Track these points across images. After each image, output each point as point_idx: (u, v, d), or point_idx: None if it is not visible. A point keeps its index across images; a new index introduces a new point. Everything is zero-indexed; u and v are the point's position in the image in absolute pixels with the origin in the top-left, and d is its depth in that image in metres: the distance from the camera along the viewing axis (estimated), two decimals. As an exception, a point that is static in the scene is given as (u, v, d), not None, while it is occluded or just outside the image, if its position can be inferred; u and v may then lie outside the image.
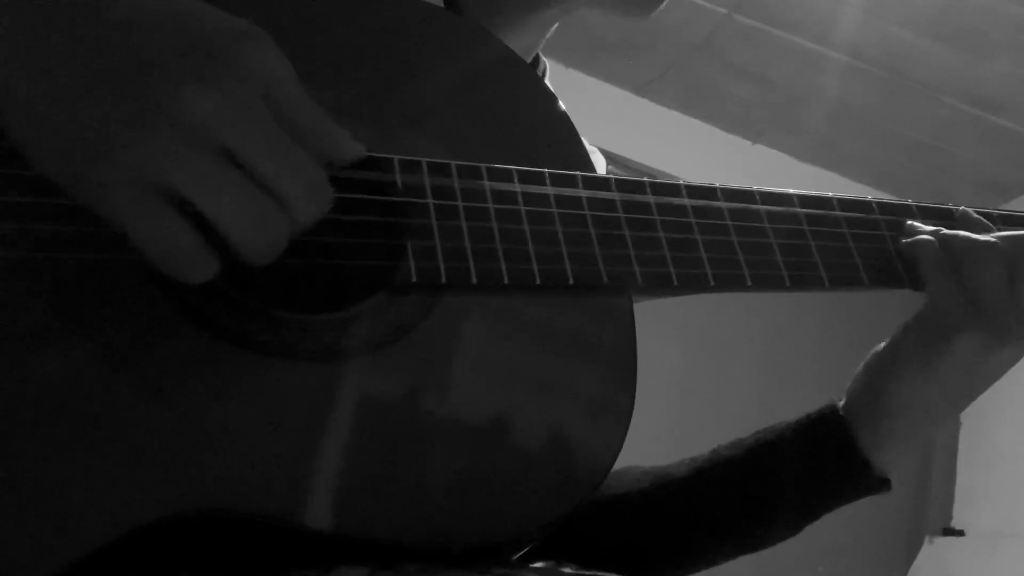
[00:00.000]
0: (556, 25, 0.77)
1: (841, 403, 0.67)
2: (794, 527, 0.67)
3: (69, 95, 0.42)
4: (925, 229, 0.65)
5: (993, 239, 0.62)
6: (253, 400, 0.47)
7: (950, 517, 3.08)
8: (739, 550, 0.68)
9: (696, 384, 3.04)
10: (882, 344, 0.67)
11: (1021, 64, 2.54)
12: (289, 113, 0.44)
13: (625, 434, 0.54)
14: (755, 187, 0.63)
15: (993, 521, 2.91)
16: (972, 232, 0.64)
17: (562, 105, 0.64)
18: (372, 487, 0.48)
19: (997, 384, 0.66)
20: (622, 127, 2.93)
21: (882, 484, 0.66)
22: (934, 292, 0.63)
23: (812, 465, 0.65)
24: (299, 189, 0.44)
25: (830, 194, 0.65)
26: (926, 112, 2.83)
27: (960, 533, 3.02)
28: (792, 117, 3.02)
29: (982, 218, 0.68)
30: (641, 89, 3.07)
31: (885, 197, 0.69)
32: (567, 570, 0.48)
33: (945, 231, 0.64)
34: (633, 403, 0.55)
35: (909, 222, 0.66)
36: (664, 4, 0.71)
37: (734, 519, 0.67)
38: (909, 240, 0.64)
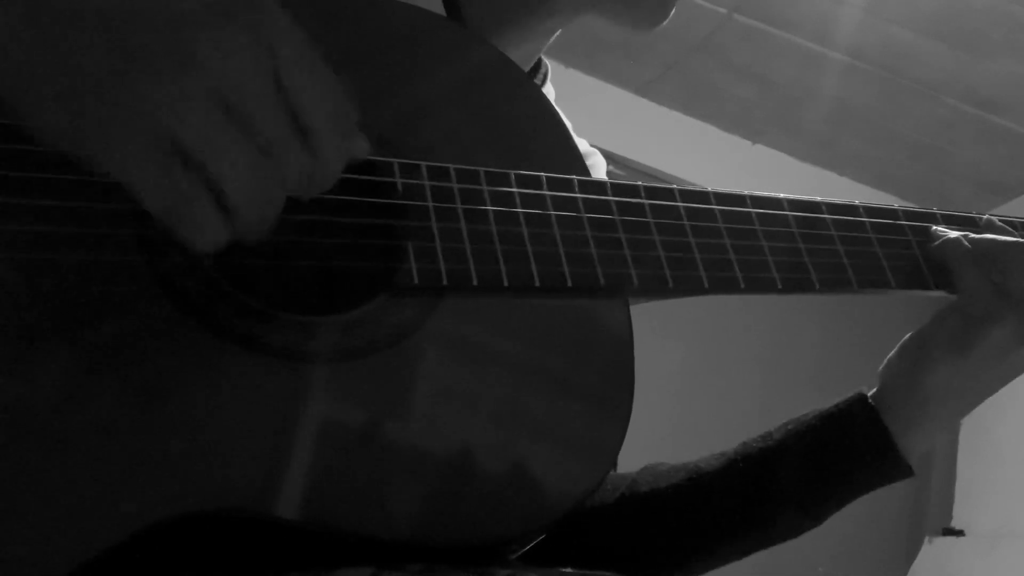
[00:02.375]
0: (559, 32, 0.77)
1: (871, 392, 0.69)
2: (818, 517, 0.68)
3: (75, 42, 0.40)
4: (952, 233, 0.68)
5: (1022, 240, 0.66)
6: (254, 401, 0.47)
7: (950, 517, 3.08)
8: (765, 543, 0.69)
9: (695, 384, 3.05)
10: (911, 334, 0.69)
11: (1021, 64, 2.54)
12: (298, 79, 0.43)
13: (607, 470, 0.54)
14: (747, 191, 0.64)
15: (993, 521, 2.91)
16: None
17: (558, 111, 0.64)
18: (368, 488, 0.48)
19: (997, 384, 0.69)
20: (622, 127, 2.94)
21: (908, 471, 0.67)
22: (967, 288, 0.65)
23: (842, 454, 0.67)
24: (302, 153, 0.43)
25: (819, 199, 0.66)
26: (926, 112, 2.83)
27: (960, 533, 3.02)
28: (792, 117, 3.02)
29: (1006, 225, 0.71)
30: (641, 89, 3.07)
31: (877, 201, 0.70)
32: (568, 570, 0.48)
33: (973, 235, 0.67)
34: (621, 440, 0.55)
35: (934, 227, 0.69)
36: (669, 19, 0.72)
37: (765, 511, 0.68)
38: (940, 241, 0.67)
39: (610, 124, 2.79)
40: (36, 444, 0.43)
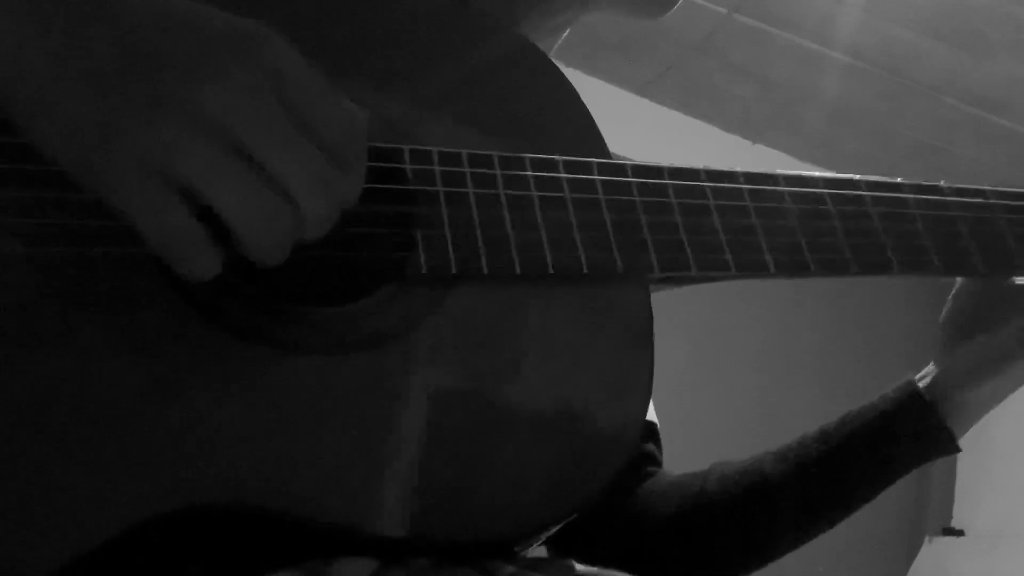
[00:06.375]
0: (567, 31, 0.76)
1: (921, 378, 0.70)
2: (869, 498, 0.70)
3: (81, 82, 0.42)
4: None
5: None
6: (262, 394, 0.47)
7: (950, 517, 3.08)
8: (824, 530, 0.71)
9: (699, 381, 3.04)
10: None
11: (1021, 64, 2.54)
12: (304, 109, 0.44)
13: (637, 439, 0.54)
14: (778, 170, 0.61)
15: (993, 521, 2.91)
16: None
17: (579, 95, 0.63)
18: (379, 482, 0.47)
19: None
20: (622, 127, 2.92)
21: (953, 445, 0.69)
22: None
23: (893, 433, 0.68)
24: (308, 185, 0.43)
25: (856, 176, 0.63)
26: (926, 112, 2.83)
27: (960, 533, 3.03)
28: (792, 117, 3.02)
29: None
30: (641, 89, 3.07)
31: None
32: (579, 567, 0.48)
33: None
34: (646, 406, 0.55)
35: None
36: (679, 3, 0.71)
37: (829, 505, 0.70)
38: None
39: (610, 124, 2.77)
40: (39, 437, 0.43)
